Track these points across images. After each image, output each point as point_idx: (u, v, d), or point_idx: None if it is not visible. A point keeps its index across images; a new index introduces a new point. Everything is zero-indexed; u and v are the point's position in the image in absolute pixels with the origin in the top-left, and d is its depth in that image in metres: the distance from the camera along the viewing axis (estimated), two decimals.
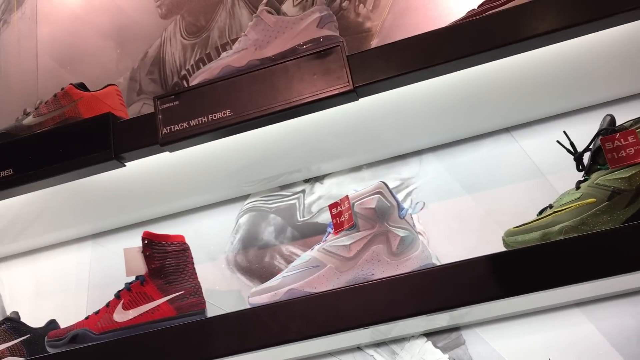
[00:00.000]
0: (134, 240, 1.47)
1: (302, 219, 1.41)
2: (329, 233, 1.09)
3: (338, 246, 1.04)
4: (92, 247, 1.53)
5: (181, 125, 1.11)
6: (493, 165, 1.30)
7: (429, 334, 1.24)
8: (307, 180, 1.44)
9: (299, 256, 1.13)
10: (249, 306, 1.03)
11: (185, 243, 1.20)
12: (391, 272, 1.02)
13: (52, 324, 1.28)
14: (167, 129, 1.11)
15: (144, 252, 1.15)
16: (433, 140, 1.36)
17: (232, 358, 1.00)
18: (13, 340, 1.22)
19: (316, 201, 1.41)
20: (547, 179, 1.26)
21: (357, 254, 1.03)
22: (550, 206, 0.99)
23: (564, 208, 0.94)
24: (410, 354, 1.23)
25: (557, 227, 0.92)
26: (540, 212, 1.00)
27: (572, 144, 1.03)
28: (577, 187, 0.97)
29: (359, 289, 0.93)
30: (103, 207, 1.42)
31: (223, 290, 1.40)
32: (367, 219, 1.04)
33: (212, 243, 1.44)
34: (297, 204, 1.42)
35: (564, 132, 1.05)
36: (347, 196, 1.06)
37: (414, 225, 1.07)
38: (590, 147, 1.00)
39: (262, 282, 1.08)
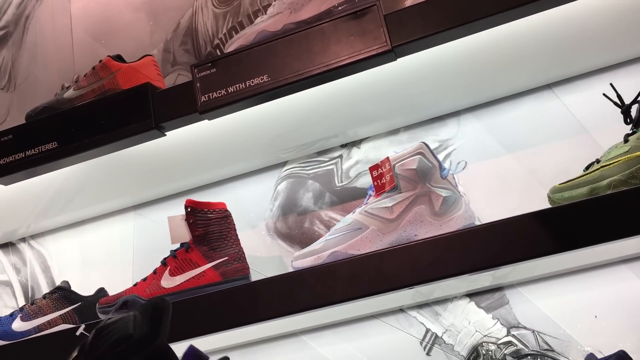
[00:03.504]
0: (175, 210, 1.50)
1: (340, 184, 1.41)
2: (370, 195, 1.09)
3: (380, 208, 1.04)
4: (135, 218, 1.56)
5: (219, 93, 1.11)
6: (534, 123, 1.28)
7: (471, 295, 1.24)
8: (344, 145, 1.44)
9: (338, 221, 1.14)
10: (292, 270, 1.04)
11: (227, 210, 1.21)
12: (434, 232, 1.02)
13: (102, 292, 1.31)
14: (205, 97, 1.12)
15: (187, 219, 1.16)
16: (472, 100, 1.33)
17: (278, 320, 1.01)
18: (65, 308, 1.26)
19: (354, 166, 1.41)
20: (591, 135, 1.23)
21: (399, 215, 1.03)
22: (598, 161, 0.97)
23: (612, 162, 0.92)
24: (453, 315, 1.23)
25: (605, 182, 0.90)
26: (587, 168, 0.98)
27: (619, 96, 1.00)
28: (626, 140, 0.94)
29: (403, 249, 0.93)
30: (144, 178, 1.44)
31: (264, 256, 1.41)
32: (408, 180, 1.04)
33: (251, 210, 1.45)
34: (335, 169, 1.42)
35: (611, 84, 1.02)
36: (387, 158, 1.06)
37: (456, 185, 1.06)
38: (639, 99, 0.97)
39: (303, 248, 1.09)
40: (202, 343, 1.23)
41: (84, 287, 1.42)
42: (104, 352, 0.45)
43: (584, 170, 0.97)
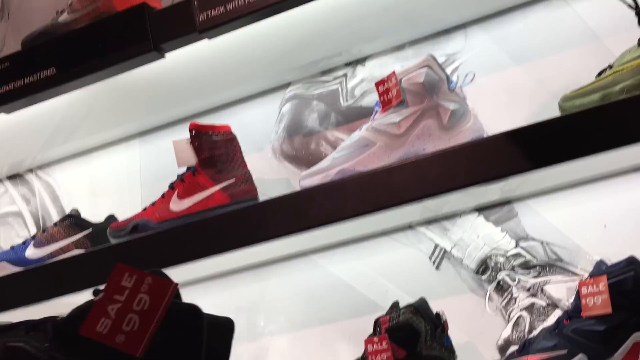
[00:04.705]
0: (180, 136, 1.48)
1: (345, 104, 1.39)
2: (377, 112, 1.07)
3: (387, 124, 1.03)
4: (140, 145, 1.55)
5: (218, 10, 1.08)
6: (544, 33, 1.24)
7: (480, 209, 1.24)
8: (348, 64, 1.40)
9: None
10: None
11: (231, 133, 1.20)
12: (443, 146, 1.00)
13: (111, 218, 1.33)
14: (204, 15, 1.08)
15: (192, 143, 1.15)
16: (478, 12, 1.29)
17: (287, 239, 1.02)
18: (76, 234, 1.28)
19: (359, 84, 1.38)
20: (604, 43, 1.19)
21: (407, 130, 1.01)
22: (610, 66, 0.94)
23: (625, 66, 0.89)
24: (462, 229, 1.24)
25: (617, 87, 0.88)
26: (599, 74, 0.96)
27: None
28: (639, 44, 0.91)
29: (411, 163, 0.92)
30: (146, 104, 1.42)
31: (271, 179, 1.41)
32: (415, 94, 1.02)
33: (257, 133, 1.44)
34: (340, 89, 1.40)
35: None
36: (393, 72, 1.03)
37: (465, 98, 1.04)
38: None
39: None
40: (214, 264, 1.25)
41: (94, 215, 1.43)
42: None
43: (596, 77, 0.95)
